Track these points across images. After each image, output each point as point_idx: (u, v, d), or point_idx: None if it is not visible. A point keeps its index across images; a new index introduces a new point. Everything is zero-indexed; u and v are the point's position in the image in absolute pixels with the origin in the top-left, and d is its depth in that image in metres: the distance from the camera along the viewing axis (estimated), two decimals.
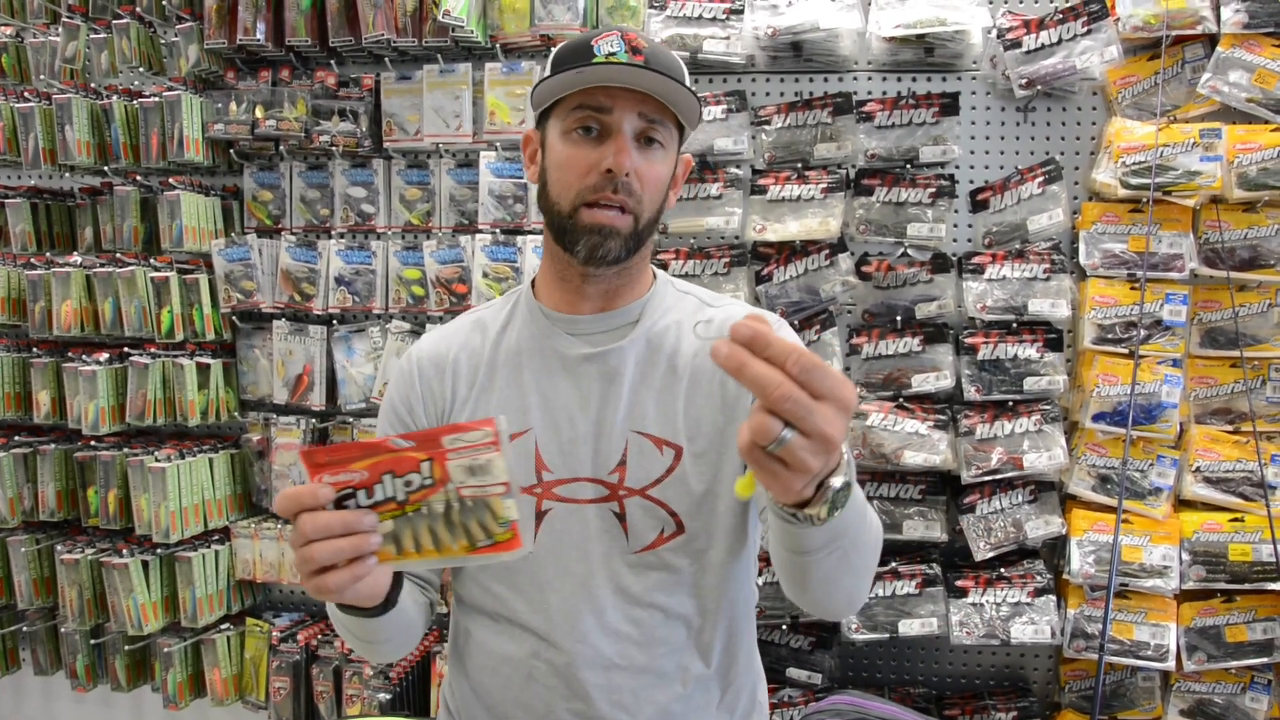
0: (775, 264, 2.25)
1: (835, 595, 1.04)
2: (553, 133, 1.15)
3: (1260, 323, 2.15)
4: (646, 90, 1.10)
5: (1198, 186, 2.07)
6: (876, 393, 2.21)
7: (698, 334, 1.20)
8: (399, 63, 2.47)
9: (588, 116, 1.11)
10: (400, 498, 0.88)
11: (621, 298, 1.21)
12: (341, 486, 0.87)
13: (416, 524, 0.88)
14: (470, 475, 0.87)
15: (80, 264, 2.57)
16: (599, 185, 1.10)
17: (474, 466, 0.87)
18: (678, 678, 1.17)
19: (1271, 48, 2.09)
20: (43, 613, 2.70)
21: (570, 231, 1.13)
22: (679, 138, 1.19)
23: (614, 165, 1.09)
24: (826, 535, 0.88)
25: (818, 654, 2.25)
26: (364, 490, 0.87)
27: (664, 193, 1.17)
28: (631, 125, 1.11)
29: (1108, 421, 2.11)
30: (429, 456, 0.87)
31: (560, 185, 1.13)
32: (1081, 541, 2.12)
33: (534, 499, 1.15)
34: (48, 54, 2.65)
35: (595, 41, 1.11)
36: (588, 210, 1.11)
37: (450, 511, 0.88)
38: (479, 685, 1.21)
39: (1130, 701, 2.18)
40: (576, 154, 1.12)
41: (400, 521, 0.88)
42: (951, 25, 2.13)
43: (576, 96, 1.11)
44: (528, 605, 1.16)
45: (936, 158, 2.20)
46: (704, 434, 1.16)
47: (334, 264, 2.46)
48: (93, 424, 2.50)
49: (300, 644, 2.47)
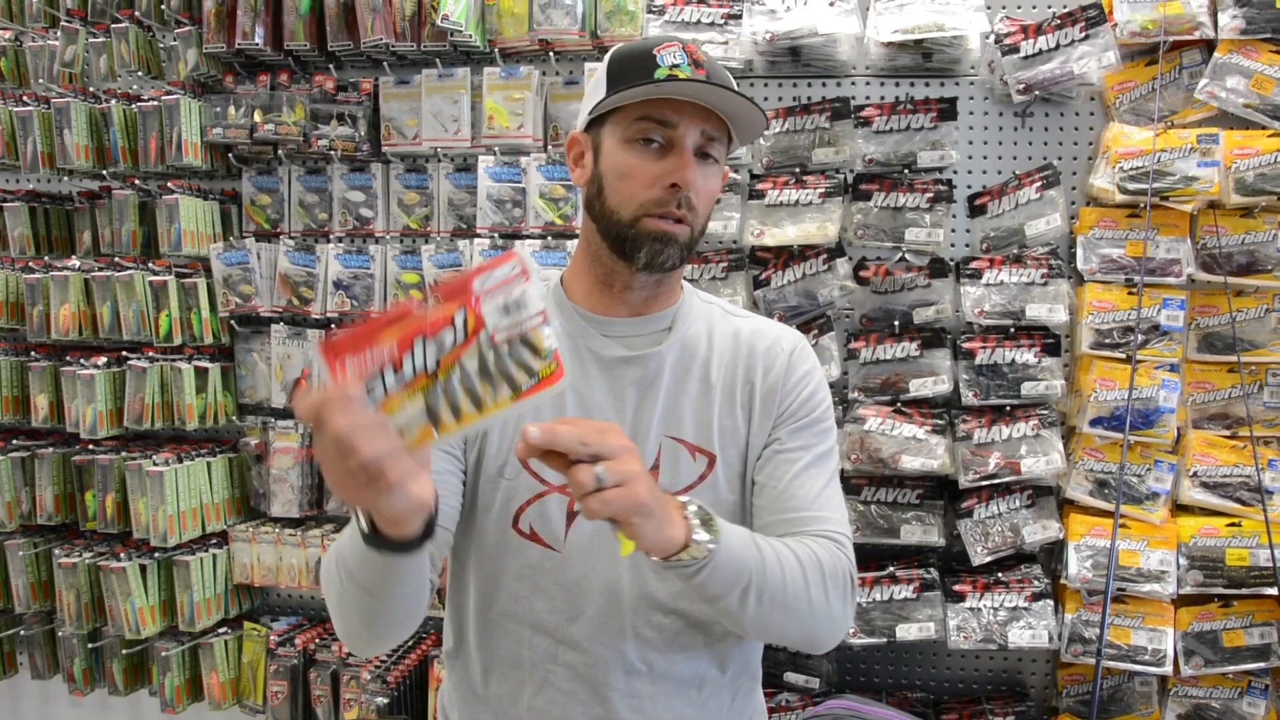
0: (773, 268, 2.26)
1: (785, 634, 1.11)
2: (610, 139, 1.15)
3: (1257, 328, 2.15)
4: (713, 106, 1.12)
5: (1195, 192, 2.07)
6: (874, 397, 2.21)
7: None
8: (397, 67, 2.48)
9: (652, 128, 1.12)
10: (431, 366, 0.82)
11: (658, 304, 1.23)
12: (369, 372, 0.80)
13: (451, 389, 0.83)
14: (505, 315, 0.83)
15: (78, 268, 2.57)
16: (663, 200, 1.12)
17: (508, 304, 0.83)
18: (695, 684, 1.18)
19: (1269, 53, 2.09)
20: (40, 616, 2.69)
21: (631, 240, 1.14)
22: (726, 154, 1.21)
23: (681, 180, 1.11)
24: (727, 574, 0.98)
25: (815, 658, 2.24)
26: (392, 367, 0.81)
27: (713, 205, 1.20)
28: (694, 140, 1.13)
29: (1105, 426, 2.11)
30: (461, 305, 0.82)
31: (621, 195, 1.14)
32: (1079, 546, 2.13)
33: (567, 498, 1.15)
34: (46, 58, 2.65)
35: (657, 51, 1.11)
36: (650, 220, 1.12)
37: (485, 364, 0.83)
38: (487, 691, 1.20)
39: (1127, 706, 2.18)
40: (640, 165, 1.13)
41: (432, 393, 0.82)
42: (949, 30, 2.13)
43: (640, 107, 1.12)
44: (549, 605, 1.16)
45: (934, 163, 2.20)
46: (735, 444, 1.19)
47: (332, 268, 2.46)
48: (91, 428, 2.50)
49: (298, 648, 2.46)
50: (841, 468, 2.17)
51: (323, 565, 1.12)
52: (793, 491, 1.15)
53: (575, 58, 2.40)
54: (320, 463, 0.81)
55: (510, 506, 1.16)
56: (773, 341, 1.24)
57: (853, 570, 1.15)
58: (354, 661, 2.42)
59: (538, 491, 1.16)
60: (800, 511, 1.14)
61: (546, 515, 1.16)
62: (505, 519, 1.16)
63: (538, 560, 1.16)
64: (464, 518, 1.20)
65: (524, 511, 1.16)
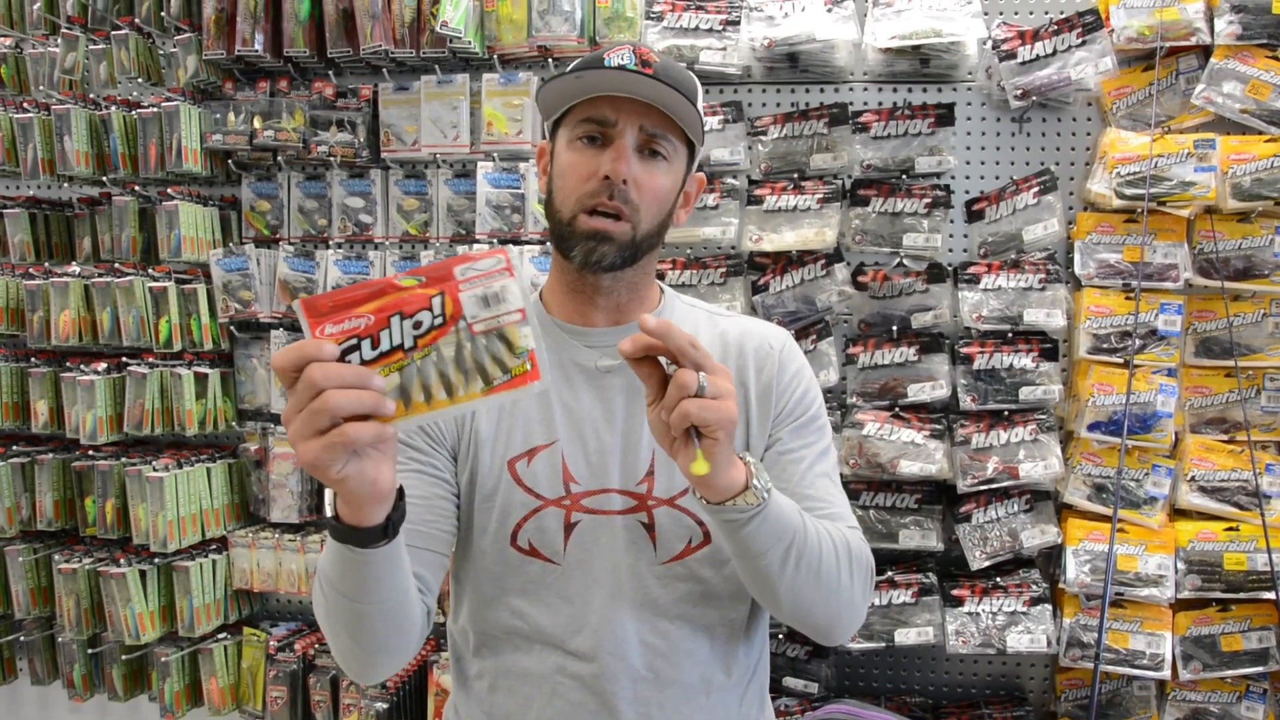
0: (771, 274, 2.26)
1: (812, 611, 1.09)
2: (560, 142, 1.17)
3: (1254, 332, 2.16)
4: (646, 99, 1.11)
5: (1192, 197, 2.08)
6: (873, 402, 2.22)
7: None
8: (397, 73, 2.48)
9: (592, 127, 1.13)
10: (408, 344, 0.82)
11: (632, 311, 1.22)
12: (346, 336, 0.81)
13: (426, 371, 0.83)
14: (484, 307, 0.83)
15: (78, 274, 2.58)
16: (596, 191, 1.12)
17: (488, 296, 0.83)
18: (702, 689, 1.18)
19: (1265, 59, 2.10)
20: (40, 622, 2.70)
21: (569, 238, 1.14)
22: (689, 155, 1.20)
23: (610, 171, 1.11)
24: (774, 528, 0.98)
25: (814, 663, 2.25)
26: (369, 339, 0.81)
27: (668, 206, 1.18)
28: (633, 136, 1.13)
29: (1103, 431, 2.12)
30: (440, 290, 0.83)
31: (562, 193, 1.15)
32: (1077, 551, 2.13)
33: (563, 511, 1.15)
34: (47, 65, 2.66)
35: (608, 54, 1.13)
36: (585, 217, 1.12)
37: (461, 353, 0.83)
38: (492, 706, 1.19)
39: (1126, 710, 2.19)
40: (579, 160, 1.13)
41: (407, 372, 0.82)
42: (947, 36, 2.14)
43: (584, 108, 1.13)
44: (552, 619, 1.15)
45: (932, 168, 2.21)
46: None
47: (332, 274, 2.46)
48: (90, 433, 2.50)
49: (297, 653, 2.47)
50: (840, 472, 2.19)
51: (313, 590, 1.10)
52: (805, 491, 1.16)
53: None
54: (286, 423, 0.80)
55: (507, 524, 1.16)
56: (760, 341, 1.24)
57: (873, 563, 1.16)
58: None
59: (533, 507, 1.15)
60: (816, 510, 1.14)
61: (544, 529, 1.15)
62: (503, 537, 1.16)
63: (539, 575, 1.16)
64: (461, 541, 1.20)
65: (521, 528, 1.16)
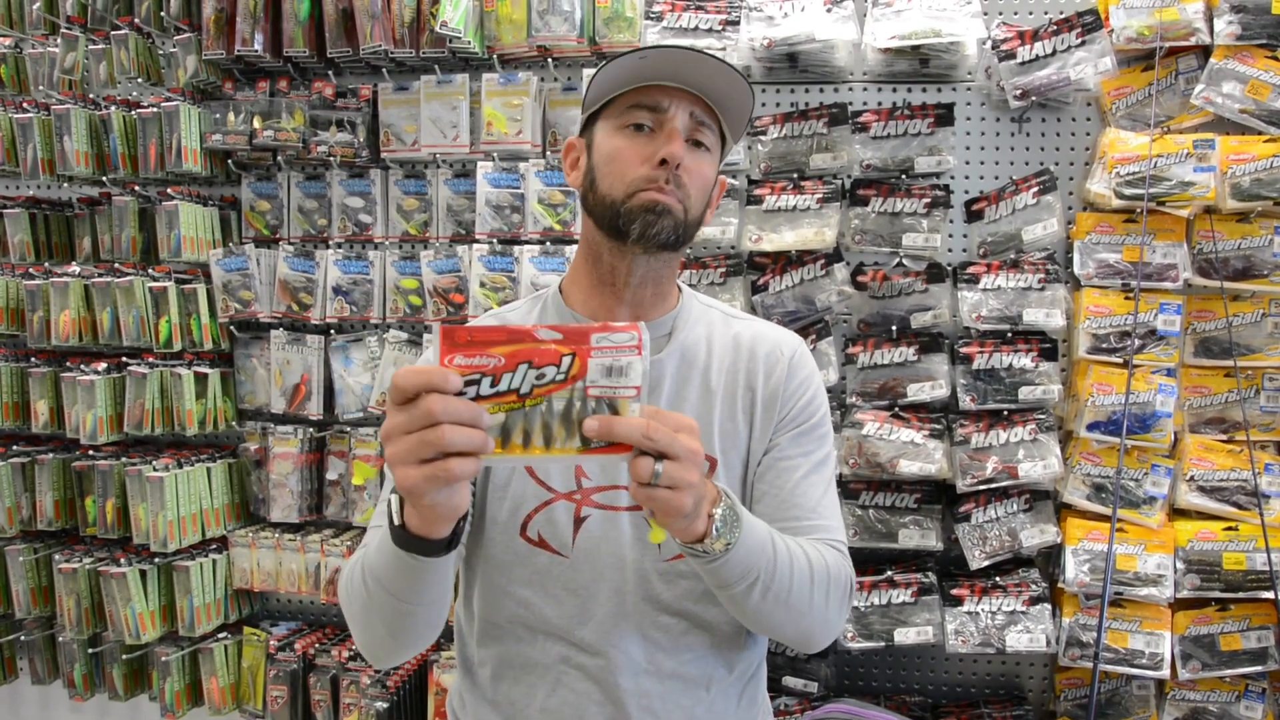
0: (771, 274, 2.26)
1: (781, 630, 1.13)
2: (602, 132, 1.18)
3: (1254, 332, 2.16)
4: (702, 86, 1.13)
5: (1191, 197, 2.08)
6: (872, 402, 2.22)
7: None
8: (396, 73, 2.48)
9: (643, 114, 1.15)
10: (525, 390, 0.85)
11: (655, 309, 1.24)
12: (472, 370, 0.84)
13: (531, 418, 0.86)
14: (606, 375, 0.86)
15: (78, 274, 2.58)
16: (653, 176, 1.13)
17: (613, 367, 0.86)
18: (703, 684, 1.20)
19: (1264, 59, 2.10)
20: (40, 622, 2.70)
21: (625, 215, 1.14)
22: (721, 150, 1.22)
23: (668, 154, 1.12)
24: (737, 569, 1.01)
25: (814, 662, 2.25)
26: (491, 378, 0.84)
27: (706, 196, 1.20)
28: (684, 122, 1.15)
29: (1102, 431, 2.12)
30: (572, 351, 0.86)
31: (612, 177, 1.15)
32: (1076, 550, 2.13)
33: (574, 504, 1.18)
34: (46, 65, 2.66)
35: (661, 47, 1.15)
36: (642, 193, 1.13)
37: (570, 409, 0.86)
38: (496, 694, 1.21)
39: (1125, 710, 2.19)
40: (630, 146, 1.15)
41: (514, 415, 0.86)
42: (946, 36, 2.14)
43: (630, 95, 1.15)
44: (559, 610, 1.17)
45: (932, 168, 2.21)
46: (736, 448, 1.21)
47: (331, 274, 2.47)
48: (91, 433, 2.50)
49: (297, 653, 2.47)
50: (840, 472, 2.20)
51: (342, 579, 1.14)
52: (795, 500, 1.18)
53: (573, 64, 2.41)
54: (386, 438, 0.83)
55: (518, 514, 1.18)
56: (773, 346, 1.26)
57: (853, 579, 1.19)
58: (354, 666, 2.42)
59: (545, 499, 1.18)
60: (801, 520, 1.17)
61: (554, 522, 1.18)
62: (513, 527, 1.18)
63: (546, 566, 1.18)
64: (473, 529, 1.21)
65: (532, 519, 1.18)
